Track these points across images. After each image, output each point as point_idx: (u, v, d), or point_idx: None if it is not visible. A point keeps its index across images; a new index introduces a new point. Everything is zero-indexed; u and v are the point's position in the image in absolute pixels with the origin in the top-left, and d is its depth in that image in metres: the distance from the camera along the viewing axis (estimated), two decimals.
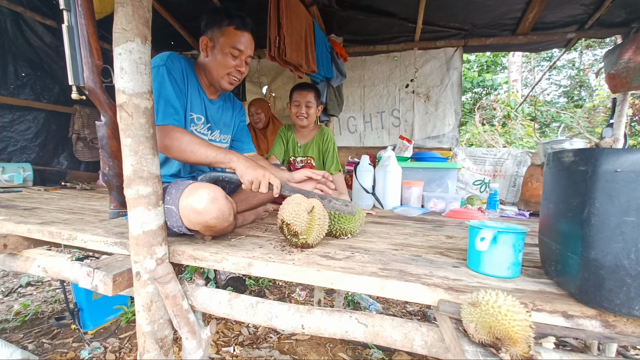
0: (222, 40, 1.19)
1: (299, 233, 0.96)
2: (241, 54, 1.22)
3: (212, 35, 1.20)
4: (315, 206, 1.01)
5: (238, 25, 1.19)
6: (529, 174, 2.08)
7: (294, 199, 1.02)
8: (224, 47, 1.19)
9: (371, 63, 3.40)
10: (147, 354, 0.90)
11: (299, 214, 0.97)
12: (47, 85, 2.96)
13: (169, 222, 0.99)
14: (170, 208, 0.97)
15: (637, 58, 2.02)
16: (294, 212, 0.97)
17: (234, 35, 1.19)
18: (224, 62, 1.21)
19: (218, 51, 1.20)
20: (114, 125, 0.92)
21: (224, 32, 1.18)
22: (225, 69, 1.22)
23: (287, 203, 1.02)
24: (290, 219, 0.96)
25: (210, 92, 1.32)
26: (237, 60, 1.22)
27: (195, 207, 0.93)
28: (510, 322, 0.53)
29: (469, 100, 8.11)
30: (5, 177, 2.50)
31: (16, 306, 2.20)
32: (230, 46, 1.19)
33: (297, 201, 1.01)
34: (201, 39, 1.22)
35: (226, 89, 1.28)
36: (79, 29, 0.87)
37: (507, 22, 2.77)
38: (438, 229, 1.39)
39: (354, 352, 1.83)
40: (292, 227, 0.96)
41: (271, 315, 0.86)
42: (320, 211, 1.02)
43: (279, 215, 1.02)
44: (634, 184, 0.56)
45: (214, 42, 1.20)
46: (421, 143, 3.31)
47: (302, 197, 1.03)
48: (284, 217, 0.98)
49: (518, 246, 0.78)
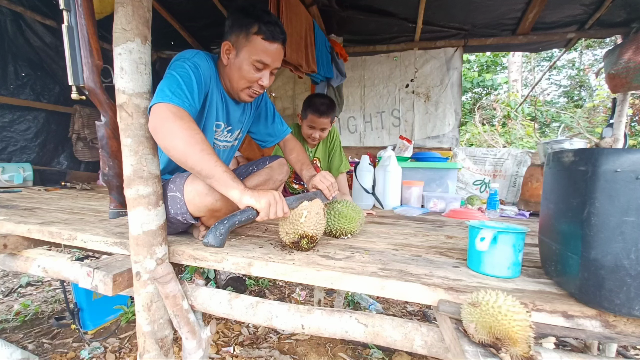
0: (246, 50, 1.02)
1: (317, 239, 0.98)
2: (266, 67, 1.06)
3: (236, 41, 1.03)
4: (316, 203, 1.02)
5: (268, 35, 1.01)
6: (529, 174, 2.08)
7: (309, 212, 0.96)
8: (248, 58, 1.03)
9: (371, 63, 3.40)
10: (147, 354, 0.90)
11: (319, 223, 0.98)
12: (47, 85, 2.97)
13: (173, 210, 0.97)
14: (175, 195, 0.96)
15: (637, 58, 2.02)
16: (315, 222, 0.96)
17: (261, 47, 1.02)
18: (246, 75, 1.05)
19: (241, 61, 1.04)
20: (114, 125, 0.92)
21: (250, 41, 1.01)
22: (247, 82, 1.07)
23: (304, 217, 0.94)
24: (315, 231, 0.96)
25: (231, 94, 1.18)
26: (260, 73, 1.06)
27: (200, 189, 0.93)
28: (510, 322, 0.53)
29: (469, 100, 8.11)
30: (5, 177, 2.50)
31: (16, 306, 2.20)
32: (256, 58, 1.02)
33: (315, 211, 0.97)
34: (223, 44, 1.06)
35: (245, 101, 1.15)
36: (78, 29, 0.87)
37: (507, 22, 2.77)
38: (438, 229, 1.39)
39: (354, 352, 1.83)
40: (316, 237, 0.97)
41: (271, 315, 0.86)
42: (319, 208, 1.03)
43: (295, 230, 0.94)
44: (634, 184, 0.56)
45: (237, 49, 1.04)
46: (421, 143, 3.31)
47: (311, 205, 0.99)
48: (307, 231, 0.94)
49: (518, 246, 0.78)
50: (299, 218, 0.94)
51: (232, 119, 1.22)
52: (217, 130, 1.17)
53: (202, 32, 3.40)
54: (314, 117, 1.80)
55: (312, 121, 1.82)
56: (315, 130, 1.84)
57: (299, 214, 0.95)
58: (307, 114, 1.84)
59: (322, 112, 1.80)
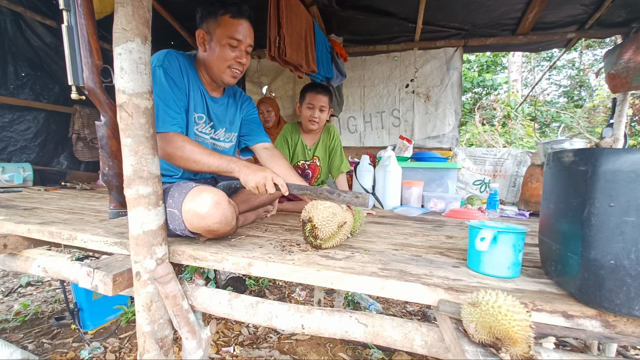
0: (218, 32, 1.12)
1: (319, 237, 0.97)
2: (240, 43, 1.15)
3: (207, 28, 1.14)
4: (347, 222, 1.01)
5: (234, 13, 1.11)
6: (529, 174, 2.08)
7: (332, 207, 1.00)
8: (221, 39, 1.12)
9: (371, 63, 3.40)
10: (147, 354, 0.90)
11: (329, 223, 0.97)
12: (47, 85, 2.96)
13: (171, 225, 0.99)
14: (173, 212, 0.97)
15: (637, 58, 2.02)
16: (326, 219, 0.96)
17: (230, 25, 1.11)
18: (223, 55, 1.14)
19: (216, 43, 1.14)
20: (113, 125, 0.92)
21: (219, 23, 1.11)
22: (225, 61, 1.15)
23: (323, 207, 0.99)
24: (320, 224, 0.96)
25: (212, 88, 1.27)
26: (236, 51, 1.15)
27: (198, 211, 0.93)
28: (510, 322, 0.53)
29: (469, 100, 8.11)
30: (5, 177, 2.50)
31: (16, 306, 2.20)
32: (228, 36, 1.12)
33: (333, 211, 0.98)
34: (197, 32, 1.16)
35: (229, 83, 1.22)
36: (78, 29, 0.87)
37: (507, 22, 2.77)
38: (438, 229, 1.39)
39: (354, 352, 1.83)
40: (317, 231, 0.97)
41: (271, 315, 0.86)
42: (348, 228, 1.02)
43: (308, 212, 1.00)
44: (634, 184, 0.56)
45: (210, 34, 1.14)
46: (421, 143, 3.31)
47: (339, 208, 1.01)
48: (314, 219, 0.97)
49: (518, 246, 0.78)
50: (319, 204, 1.00)
51: (212, 114, 1.27)
52: (198, 123, 1.22)
53: None
54: (312, 95, 1.86)
55: (311, 99, 1.86)
56: (314, 109, 1.86)
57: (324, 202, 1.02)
58: (305, 95, 1.90)
59: (319, 90, 1.87)
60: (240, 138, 1.44)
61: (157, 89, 1.05)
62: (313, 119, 1.87)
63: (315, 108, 1.86)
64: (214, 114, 1.27)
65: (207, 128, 1.27)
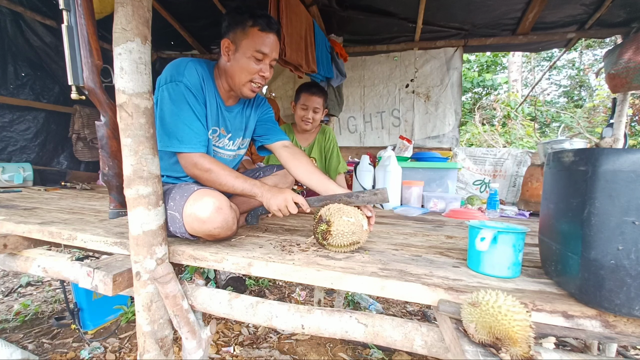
0: (245, 43, 1.10)
1: (327, 241, 0.97)
2: (265, 57, 1.13)
3: (234, 38, 1.11)
4: (360, 243, 0.99)
5: (263, 26, 1.09)
6: (529, 174, 2.08)
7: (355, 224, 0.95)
8: (247, 51, 1.10)
9: (371, 63, 3.40)
10: (147, 354, 0.90)
11: (344, 237, 0.94)
12: (47, 85, 2.96)
13: (172, 228, 0.98)
14: (174, 215, 0.97)
15: (637, 58, 2.02)
16: (342, 233, 0.94)
17: (258, 37, 1.09)
18: (247, 67, 1.12)
19: (241, 55, 1.11)
20: (113, 125, 0.92)
21: (247, 34, 1.09)
22: (248, 74, 1.13)
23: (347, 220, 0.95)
24: (335, 233, 0.95)
25: (229, 96, 1.23)
26: (261, 64, 1.13)
27: (199, 216, 0.93)
28: (510, 322, 0.53)
29: (469, 100, 8.11)
30: (5, 177, 2.50)
31: (16, 306, 2.20)
32: (254, 49, 1.10)
33: (353, 229, 0.95)
34: (222, 41, 1.13)
35: (247, 96, 1.19)
36: (78, 29, 0.87)
37: (507, 22, 2.77)
38: (438, 229, 1.39)
39: (354, 352, 1.83)
40: (329, 236, 0.96)
41: (271, 315, 0.86)
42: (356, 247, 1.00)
43: (330, 215, 0.97)
44: (634, 184, 0.56)
45: (236, 44, 1.11)
46: (421, 143, 3.31)
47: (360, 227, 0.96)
48: (332, 226, 0.94)
49: (518, 246, 0.78)
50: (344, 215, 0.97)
51: (229, 125, 1.25)
52: (213, 137, 1.20)
53: (202, 32, 3.40)
54: (307, 96, 1.85)
55: (305, 100, 1.85)
56: (308, 110, 1.86)
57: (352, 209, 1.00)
58: (299, 96, 1.89)
59: (313, 91, 1.85)
60: (257, 138, 1.39)
61: (177, 107, 1.05)
62: (306, 120, 1.88)
63: (309, 109, 1.86)
64: (230, 124, 1.25)
65: (224, 141, 1.25)
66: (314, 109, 1.86)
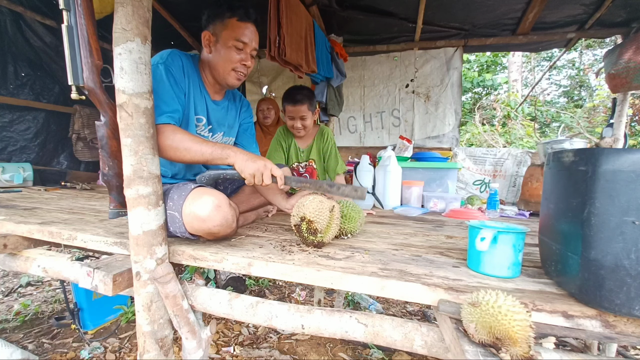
0: (225, 34, 1.13)
1: (318, 231, 0.97)
2: (246, 46, 1.16)
3: (214, 30, 1.14)
4: (335, 206, 1.02)
5: (241, 16, 1.13)
6: (529, 174, 2.08)
7: (315, 197, 1.00)
8: (228, 41, 1.13)
9: (371, 63, 3.40)
10: (147, 354, 0.90)
11: (322, 212, 0.96)
12: (47, 85, 2.96)
13: (172, 228, 0.98)
14: (173, 214, 0.97)
15: (637, 58, 2.02)
16: (317, 209, 0.96)
17: (237, 27, 1.13)
18: (229, 57, 1.15)
19: (221, 45, 1.14)
20: (113, 125, 0.91)
21: (226, 25, 1.12)
22: (230, 63, 1.16)
23: (308, 201, 0.99)
24: (314, 217, 0.96)
25: (215, 90, 1.26)
26: (242, 54, 1.16)
27: (199, 214, 0.93)
28: (510, 322, 0.53)
29: (469, 100, 8.11)
30: (5, 177, 2.50)
31: (16, 306, 2.20)
32: (234, 39, 1.13)
33: (319, 199, 0.99)
34: (203, 34, 1.16)
35: (233, 85, 1.22)
36: (78, 29, 0.87)
37: (507, 22, 2.77)
38: (438, 229, 1.39)
39: (354, 352, 1.83)
40: (314, 224, 0.96)
41: (271, 315, 0.86)
42: (339, 211, 1.03)
43: (298, 212, 0.99)
44: (634, 184, 0.56)
45: (216, 36, 1.14)
46: (421, 143, 3.31)
47: (323, 197, 1.02)
48: (306, 214, 0.96)
49: (518, 246, 0.78)
50: (304, 201, 0.99)
51: (212, 118, 1.26)
52: (198, 125, 1.21)
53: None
54: (289, 107, 1.84)
55: (289, 111, 1.85)
56: (295, 120, 1.85)
57: (305, 197, 1.00)
58: (284, 106, 1.87)
59: (296, 100, 1.81)
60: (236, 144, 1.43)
61: (155, 85, 1.02)
62: (297, 129, 1.87)
63: (296, 119, 1.84)
64: (213, 117, 1.27)
65: (205, 131, 1.25)
66: (301, 117, 1.84)
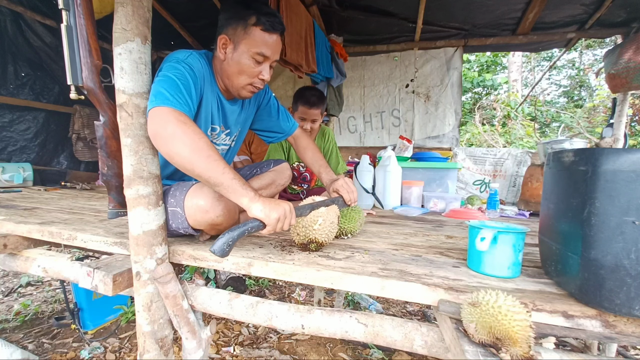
0: (245, 43, 0.98)
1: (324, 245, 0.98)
2: (266, 59, 1.02)
3: (233, 35, 0.99)
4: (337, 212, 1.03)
5: (267, 26, 0.98)
6: (529, 174, 2.08)
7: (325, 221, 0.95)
8: (248, 51, 0.99)
9: (371, 63, 3.40)
10: (147, 354, 0.90)
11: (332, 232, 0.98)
12: (46, 85, 2.96)
13: (174, 225, 0.97)
14: (175, 210, 0.96)
15: (637, 58, 2.02)
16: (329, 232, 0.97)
17: (260, 38, 0.98)
18: (246, 69, 1.01)
19: (239, 54, 0.99)
20: (113, 125, 0.92)
21: (248, 33, 0.97)
22: (247, 77, 1.02)
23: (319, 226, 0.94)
24: (325, 238, 0.96)
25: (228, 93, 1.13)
26: (260, 67, 1.02)
27: (201, 204, 0.92)
28: (510, 322, 0.53)
29: (469, 100, 8.11)
30: (5, 177, 2.50)
31: (16, 306, 2.20)
32: (255, 51, 0.98)
33: (330, 220, 0.97)
34: (220, 37, 1.00)
35: (245, 97, 1.09)
36: (77, 29, 0.87)
37: (507, 22, 2.77)
38: (438, 229, 1.39)
39: (354, 352, 1.83)
40: (325, 243, 0.98)
41: (271, 315, 0.86)
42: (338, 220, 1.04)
43: (306, 236, 0.95)
44: (634, 184, 0.56)
45: (235, 43, 0.99)
46: (421, 143, 3.31)
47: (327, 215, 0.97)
48: (317, 237, 0.94)
49: (518, 246, 0.78)
50: (313, 225, 0.94)
51: (229, 120, 1.17)
52: (212, 134, 1.13)
53: (202, 32, 3.40)
54: (305, 109, 1.82)
55: (304, 113, 1.83)
56: (307, 121, 1.85)
57: (314, 220, 0.95)
58: (297, 106, 1.86)
59: (312, 103, 1.81)
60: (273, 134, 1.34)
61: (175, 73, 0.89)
62: (305, 131, 1.86)
63: (307, 121, 1.84)
64: (230, 119, 1.17)
65: (222, 137, 1.17)
66: (312, 120, 1.85)
